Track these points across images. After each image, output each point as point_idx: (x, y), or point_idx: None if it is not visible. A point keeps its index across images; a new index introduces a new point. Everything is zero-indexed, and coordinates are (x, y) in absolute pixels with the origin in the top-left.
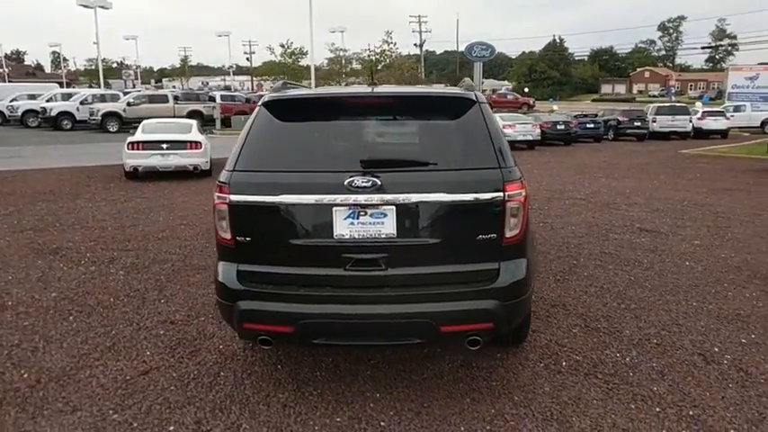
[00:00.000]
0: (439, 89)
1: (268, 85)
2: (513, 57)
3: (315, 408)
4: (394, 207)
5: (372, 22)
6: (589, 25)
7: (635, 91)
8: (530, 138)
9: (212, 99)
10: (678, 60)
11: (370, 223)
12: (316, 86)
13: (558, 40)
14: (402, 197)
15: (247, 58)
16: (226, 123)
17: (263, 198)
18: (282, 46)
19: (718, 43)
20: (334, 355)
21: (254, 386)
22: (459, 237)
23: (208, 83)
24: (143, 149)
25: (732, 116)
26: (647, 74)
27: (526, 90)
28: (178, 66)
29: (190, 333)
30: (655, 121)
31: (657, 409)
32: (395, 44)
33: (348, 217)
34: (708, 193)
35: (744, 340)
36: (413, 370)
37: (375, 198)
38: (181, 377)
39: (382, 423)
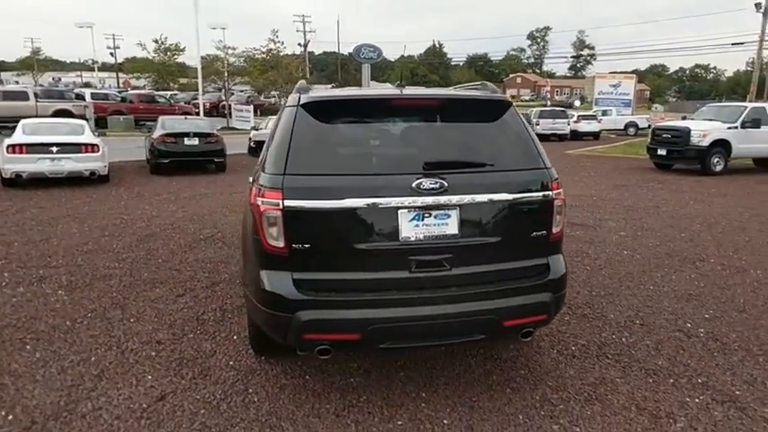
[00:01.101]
0: (471, 91)
1: (141, 83)
2: (393, 60)
3: (370, 414)
4: (458, 208)
5: (255, 20)
6: (465, 32)
7: (508, 95)
8: None
9: (80, 97)
10: (545, 67)
11: (434, 224)
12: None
13: (437, 45)
14: (466, 198)
15: (111, 53)
16: (100, 124)
17: (326, 203)
18: (156, 41)
19: (580, 53)
20: (360, 361)
21: (293, 400)
22: (516, 234)
23: (60, 78)
24: (27, 153)
25: (601, 119)
26: (518, 79)
27: None
28: (25, 58)
29: (186, 352)
30: (538, 124)
31: (671, 381)
32: (282, 43)
33: (413, 219)
34: (609, 189)
35: (707, 315)
36: (443, 367)
37: (442, 199)
38: (206, 399)
39: (445, 421)
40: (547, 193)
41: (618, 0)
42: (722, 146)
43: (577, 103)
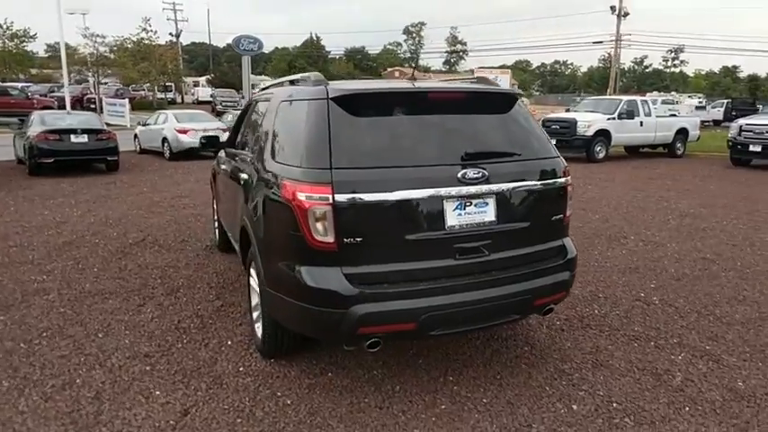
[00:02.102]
0: (484, 85)
1: None
2: (267, 52)
3: (411, 402)
4: (494, 196)
5: (121, 6)
6: (340, 25)
7: None
8: None
9: None
10: (421, 62)
11: (475, 212)
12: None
13: (315, 38)
14: (504, 186)
15: None
16: None
17: (377, 196)
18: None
19: (453, 48)
20: (371, 354)
21: (328, 398)
22: (541, 219)
23: None
24: None
25: None
26: (396, 73)
27: None
28: None
29: (184, 363)
30: None
31: (652, 343)
32: (155, 32)
33: (456, 208)
34: None
35: (652, 285)
36: (455, 351)
37: (484, 188)
38: (237, 408)
39: (484, 400)
40: (563, 179)
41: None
42: (604, 135)
43: None
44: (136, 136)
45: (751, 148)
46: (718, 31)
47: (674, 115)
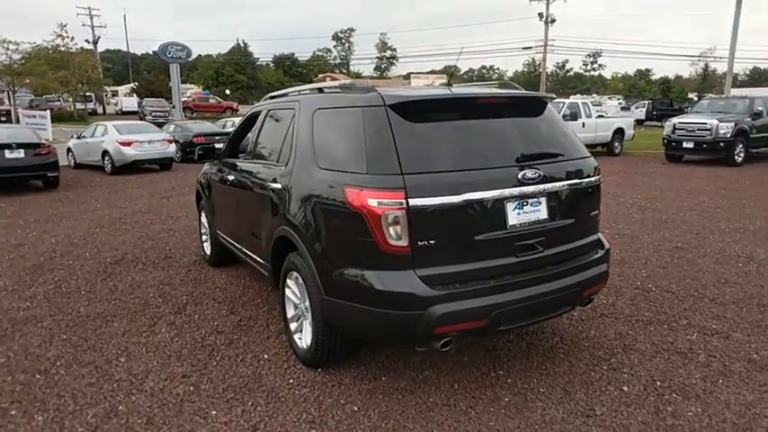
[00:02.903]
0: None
1: None
2: (191, 59)
3: (475, 398)
4: (546, 195)
5: (29, 12)
6: (268, 31)
7: None
8: None
9: None
10: (352, 68)
11: (531, 211)
12: None
13: (242, 44)
14: (555, 185)
15: None
16: None
17: (448, 198)
18: None
19: (383, 54)
20: (412, 356)
21: (392, 401)
22: (582, 215)
23: None
24: None
25: None
26: (328, 80)
27: (228, 92)
28: None
29: (228, 380)
30: None
31: (665, 326)
32: (72, 38)
33: (516, 207)
34: None
35: (644, 274)
36: (495, 348)
37: (539, 188)
38: (306, 420)
39: (541, 389)
40: (597, 177)
41: (414, 5)
42: None
43: None
44: (69, 150)
45: (684, 144)
46: (632, 37)
47: (602, 116)
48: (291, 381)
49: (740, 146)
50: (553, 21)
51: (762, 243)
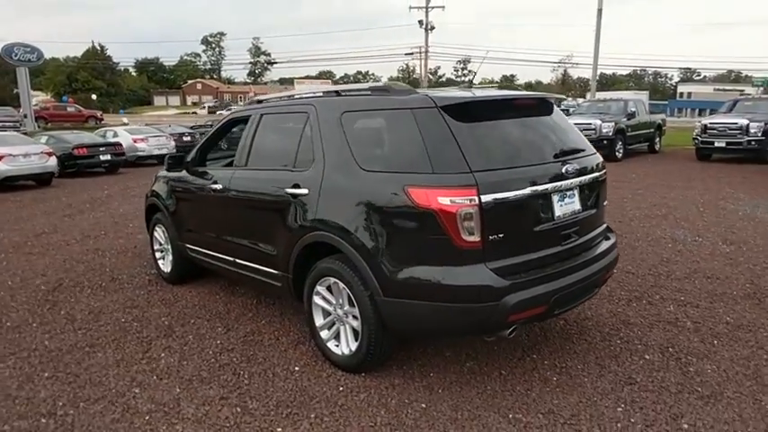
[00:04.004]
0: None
1: None
2: (41, 62)
3: (531, 381)
4: (578, 187)
5: None
6: (129, 35)
7: (189, 102)
8: (165, 151)
9: None
10: (224, 73)
11: (568, 203)
12: None
13: (98, 48)
14: (585, 178)
15: None
16: None
17: (513, 193)
18: None
19: (257, 59)
20: (456, 348)
21: (454, 393)
22: (599, 205)
23: None
24: None
25: None
26: (199, 86)
27: (94, 97)
28: None
29: (274, 397)
30: None
31: (645, 302)
32: None
33: (559, 200)
34: None
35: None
36: (528, 339)
37: (575, 181)
38: (381, 423)
39: (579, 366)
40: (605, 170)
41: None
42: None
43: None
44: None
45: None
46: (500, 45)
47: None
48: (341, 388)
49: (620, 143)
50: (432, 28)
51: (675, 226)
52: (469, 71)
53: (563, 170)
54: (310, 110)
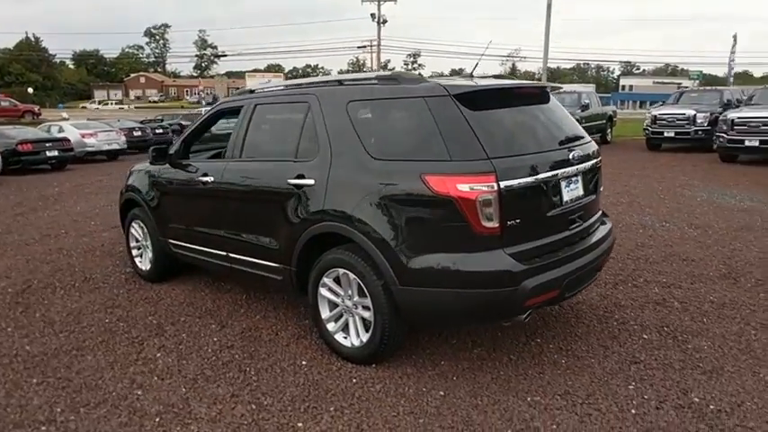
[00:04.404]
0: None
1: None
2: None
3: (554, 364)
4: (582, 173)
5: None
6: (66, 25)
7: (132, 96)
8: (116, 147)
9: None
10: (169, 67)
11: (574, 188)
12: None
13: (33, 39)
14: (587, 165)
15: None
16: None
17: (528, 179)
18: None
19: (203, 52)
20: (461, 337)
21: (469, 380)
22: (597, 191)
23: None
24: None
25: None
26: (142, 79)
27: (30, 91)
28: None
29: (287, 392)
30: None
31: (631, 285)
32: None
33: (567, 185)
34: None
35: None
36: (542, 327)
37: (580, 167)
38: (404, 412)
39: (578, 348)
40: (601, 157)
41: (234, 2)
42: None
43: None
44: None
45: None
46: (449, 38)
47: None
48: (354, 380)
49: None
50: (385, 21)
51: (641, 213)
52: (419, 65)
53: (570, 156)
54: (311, 99)
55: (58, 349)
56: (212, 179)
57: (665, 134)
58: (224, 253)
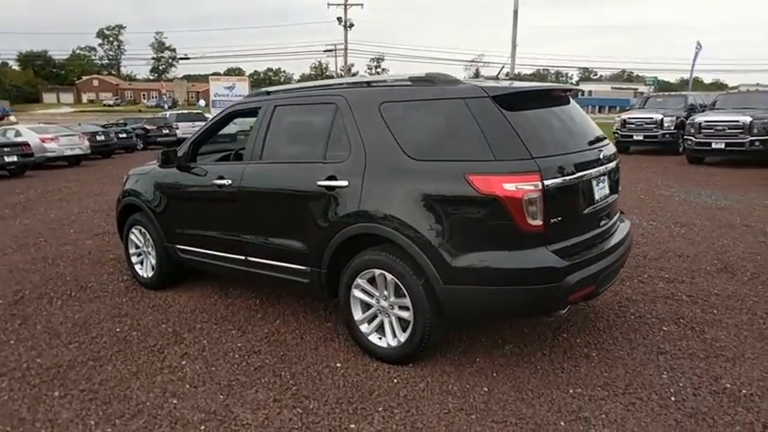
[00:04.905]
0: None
1: None
2: None
3: (588, 356)
4: (608, 173)
5: None
6: (7, 25)
7: (85, 100)
8: (79, 151)
9: None
10: (124, 69)
11: (602, 187)
12: None
13: None
14: (611, 165)
15: None
16: None
17: (569, 178)
18: None
19: (161, 55)
20: (490, 334)
21: (510, 376)
22: (619, 189)
23: None
24: None
25: None
26: (95, 82)
27: None
28: None
29: (330, 394)
30: (178, 128)
31: (637, 280)
32: None
33: (597, 184)
34: None
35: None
36: (566, 326)
37: (607, 167)
38: (453, 408)
39: (605, 341)
40: (619, 159)
41: (192, 4)
42: None
43: (201, 103)
44: None
45: None
46: (414, 43)
47: None
48: (396, 380)
49: None
50: (351, 25)
51: (627, 212)
52: (383, 69)
53: (600, 156)
54: (339, 101)
55: (72, 361)
56: (230, 182)
57: (634, 137)
58: (242, 257)
